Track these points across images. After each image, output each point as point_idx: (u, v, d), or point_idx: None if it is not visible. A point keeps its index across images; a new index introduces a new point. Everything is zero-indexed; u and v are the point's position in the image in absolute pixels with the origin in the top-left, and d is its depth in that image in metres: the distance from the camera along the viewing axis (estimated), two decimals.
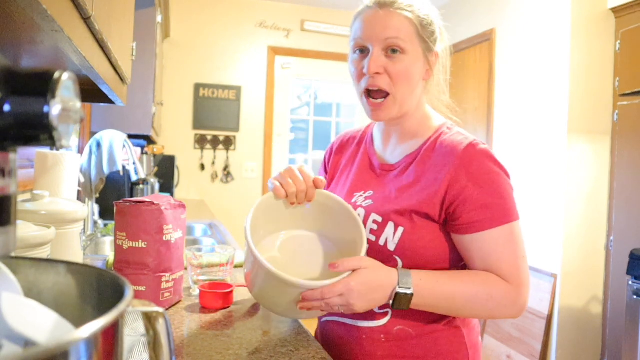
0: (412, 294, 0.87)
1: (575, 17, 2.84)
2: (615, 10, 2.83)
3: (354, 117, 4.63)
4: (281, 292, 0.90)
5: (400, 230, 0.94)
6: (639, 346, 2.28)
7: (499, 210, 0.90)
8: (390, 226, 0.95)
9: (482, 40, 3.63)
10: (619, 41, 2.82)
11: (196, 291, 1.22)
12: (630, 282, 2.33)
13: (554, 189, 2.92)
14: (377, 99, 0.97)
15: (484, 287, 0.90)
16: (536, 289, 2.98)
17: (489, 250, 0.90)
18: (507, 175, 0.95)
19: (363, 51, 0.97)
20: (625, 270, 2.38)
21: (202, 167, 4.16)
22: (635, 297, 2.30)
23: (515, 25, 3.31)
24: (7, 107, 0.33)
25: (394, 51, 0.94)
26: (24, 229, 0.87)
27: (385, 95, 0.97)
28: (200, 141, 4.14)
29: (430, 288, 0.89)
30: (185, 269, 1.20)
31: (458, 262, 0.97)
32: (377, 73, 0.95)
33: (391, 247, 0.94)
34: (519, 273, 0.91)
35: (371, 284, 0.87)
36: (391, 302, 0.88)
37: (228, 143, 4.20)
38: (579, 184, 2.87)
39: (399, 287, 0.87)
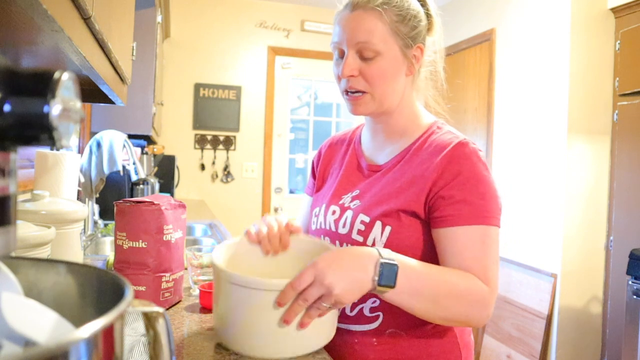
0: (397, 266, 0.81)
1: (575, 17, 2.84)
2: (615, 10, 2.83)
3: (353, 117, 4.63)
4: (253, 309, 0.81)
5: (388, 229, 0.94)
6: (639, 346, 2.28)
7: (477, 210, 0.89)
8: (377, 226, 0.95)
9: (482, 40, 3.63)
10: (618, 41, 2.82)
11: (196, 291, 1.22)
12: (630, 282, 2.33)
13: (554, 189, 2.92)
14: (354, 93, 0.98)
15: (464, 279, 0.86)
16: (536, 289, 2.98)
17: (461, 247, 0.88)
18: (492, 179, 0.93)
19: (341, 54, 0.98)
20: (625, 270, 2.37)
21: (202, 167, 4.16)
22: (635, 297, 2.30)
23: (515, 25, 3.31)
24: (7, 107, 0.33)
25: (367, 53, 0.94)
26: (24, 229, 0.87)
27: (363, 92, 0.97)
28: (200, 141, 4.14)
29: (413, 266, 0.84)
30: (185, 269, 1.20)
31: None
32: (352, 76, 0.96)
33: (379, 246, 0.94)
34: (490, 277, 0.88)
35: (343, 262, 0.80)
36: (376, 278, 0.80)
37: (228, 143, 4.20)
38: (579, 184, 2.87)
39: (383, 258, 0.81)
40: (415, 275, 0.83)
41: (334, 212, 1.03)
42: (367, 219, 0.97)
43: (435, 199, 0.91)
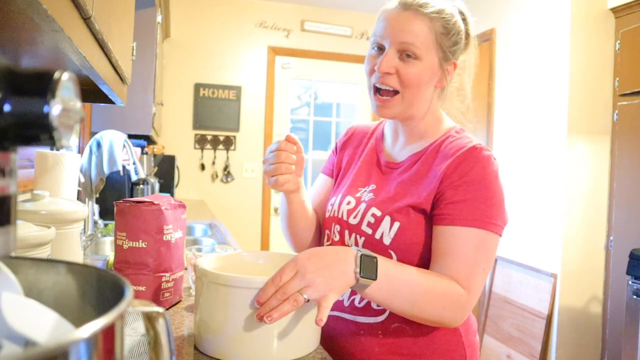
0: (377, 258, 0.82)
1: (575, 17, 2.84)
2: (615, 10, 2.83)
3: (354, 117, 4.63)
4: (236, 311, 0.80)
5: (397, 225, 0.95)
6: (639, 346, 2.28)
7: (478, 213, 0.89)
8: (386, 221, 0.96)
9: (482, 41, 3.63)
10: (618, 41, 2.82)
11: None
12: (630, 282, 2.33)
13: (554, 189, 2.92)
14: (384, 96, 0.99)
15: (442, 282, 0.87)
16: (536, 289, 2.98)
17: (453, 247, 0.89)
18: (500, 188, 0.94)
19: (381, 48, 0.99)
20: (625, 270, 2.37)
21: (202, 167, 4.15)
22: (635, 297, 2.30)
23: (515, 25, 3.31)
24: (7, 107, 0.33)
25: (408, 55, 0.96)
26: (24, 229, 0.87)
27: (394, 93, 0.98)
28: (200, 141, 4.14)
29: (392, 264, 0.86)
30: (185, 269, 1.20)
31: None
32: (388, 73, 0.97)
33: (386, 241, 0.96)
34: (473, 281, 0.89)
35: (323, 256, 0.81)
36: (358, 270, 0.81)
37: (228, 143, 4.20)
38: (579, 184, 2.86)
39: (360, 252, 0.82)
40: (394, 274, 0.85)
41: (349, 203, 1.05)
42: (378, 213, 0.98)
43: (439, 197, 0.92)
